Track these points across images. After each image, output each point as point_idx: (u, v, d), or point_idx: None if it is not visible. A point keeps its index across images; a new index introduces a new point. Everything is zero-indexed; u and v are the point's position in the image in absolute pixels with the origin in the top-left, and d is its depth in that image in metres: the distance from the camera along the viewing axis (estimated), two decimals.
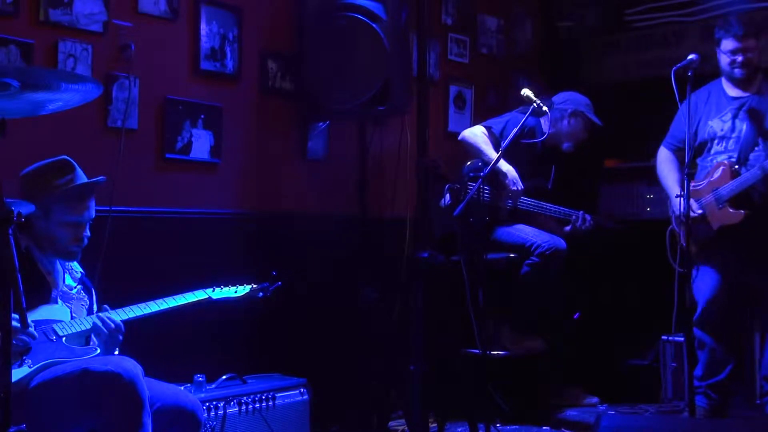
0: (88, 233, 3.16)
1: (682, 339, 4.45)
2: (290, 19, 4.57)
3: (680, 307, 4.20)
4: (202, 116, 4.17)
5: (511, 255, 4.74)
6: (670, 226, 4.59)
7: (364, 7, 4.17)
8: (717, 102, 4.45)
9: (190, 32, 4.16)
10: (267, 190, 4.49)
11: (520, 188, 4.69)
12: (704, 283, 4.40)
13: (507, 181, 4.68)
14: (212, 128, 4.21)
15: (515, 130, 4.26)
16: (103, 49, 3.80)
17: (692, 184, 4.46)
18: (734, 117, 4.43)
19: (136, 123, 3.92)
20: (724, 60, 4.42)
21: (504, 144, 4.43)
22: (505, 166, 4.67)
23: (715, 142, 4.44)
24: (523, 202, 4.81)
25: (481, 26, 5.79)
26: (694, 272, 4.37)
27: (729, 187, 4.30)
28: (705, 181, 4.42)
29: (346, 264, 4.44)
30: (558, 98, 4.98)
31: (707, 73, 5.39)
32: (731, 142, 4.40)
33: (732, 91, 4.48)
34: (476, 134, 4.80)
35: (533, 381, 4.84)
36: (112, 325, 3.08)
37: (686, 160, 4.14)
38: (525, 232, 4.79)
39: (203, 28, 4.18)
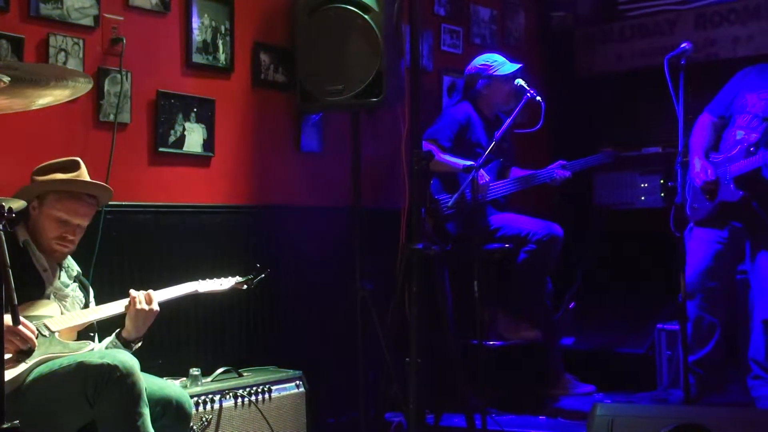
0: (73, 238, 3.16)
1: (677, 327, 4.48)
2: (282, 11, 4.55)
3: (674, 296, 4.20)
4: (195, 110, 4.16)
5: (507, 246, 4.75)
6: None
7: None
8: (764, 79, 4.40)
9: (181, 25, 4.14)
10: (261, 183, 4.48)
11: (485, 181, 4.68)
12: (695, 248, 4.44)
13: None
14: (205, 122, 4.20)
15: (508, 121, 4.31)
16: (94, 43, 3.79)
17: (713, 155, 4.47)
18: None
19: (128, 117, 3.91)
20: None
21: (498, 135, 4.44)
22: (463, 164, 4.64)
23: (743, 117, 4.41)
24: (497, 189, 4.80)
25: (474, 16, 5.77)
26: (687, 235, 4.36)
27: (738, 166, 4.30)
28: (722, 156, 4.42)
29: (341, 256, 4.44)
30: (466, 74, 4.97)
31: (700, 61, 5.42)
32: (759, 120, 4.35)
33: None
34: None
35: (529, 370, 4.85)
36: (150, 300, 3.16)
37: (680, 148, 4.16)
38: (520, 221, 4.80)
39: (195, 21, 4.16)
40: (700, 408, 4.02)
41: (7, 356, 2.63)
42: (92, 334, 3.20)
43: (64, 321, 3.03)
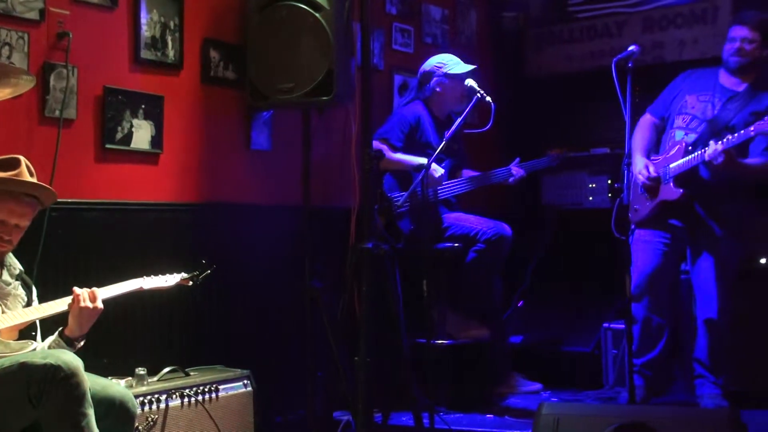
0: (9, 238, 3.09)
1: (623, 327, 4.54)
2: (233, 7, 4.52)
3: (621, 295, 4.25)
4: (143, 106, 4.11)
5: (456, 245, 4.77)
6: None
7: None
8: (705, 82, 4.47)
9: (129, 21, 4.09)
10: (210, 181, 4.45)
11: (439, 175, 4.70)
12: (640, 250, 4.50)
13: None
14: (153, 118, 4.16)
15: (458, 121, 4.33)
16: (40, 37, 3.72)
17: (653, 156, 4.55)
18: (712, 101, 4.43)
19: (74, 113, 3.85)
20: (726, 48, 4.43)
21: (448, 135, 4.46)
22: (415, 162, 4.67)
23: (683, 117, 4.48)
24: (450, 188, 4.83)
25: (425, 16, 5.79)
26: (630, 238, 4.41)
27: (677, 165, 4.37)
28: (662, 157, 4.48)
29: (290, 255, 4.42)
30: (420, 73, 4.98)
31: (648, 63, 5.49)
32: (698, 122, 4.42)
33: (725, 80, 4.47)
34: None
35: (478, 369, 4.88)
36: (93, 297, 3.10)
37: (626, 149, 4.21)
38: (469, 221, 4.82)
39: (143, 17, 4.11)
40: (645, 407, 4.08)
41: None
42: (34, 333, 3.14)
43: (6, 320, 2.97)
